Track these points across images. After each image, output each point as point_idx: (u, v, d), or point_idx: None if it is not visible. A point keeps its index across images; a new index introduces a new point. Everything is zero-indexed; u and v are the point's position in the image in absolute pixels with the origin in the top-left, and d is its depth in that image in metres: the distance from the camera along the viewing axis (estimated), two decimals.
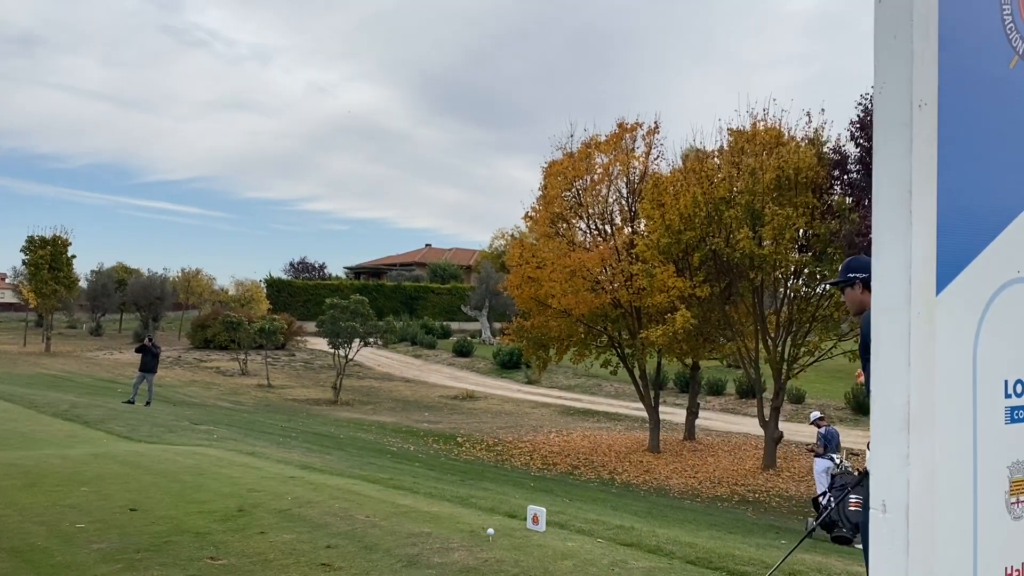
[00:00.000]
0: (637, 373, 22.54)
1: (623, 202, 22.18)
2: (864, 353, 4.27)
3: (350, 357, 30.15)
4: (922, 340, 1.31)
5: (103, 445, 10.34)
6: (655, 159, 21.83)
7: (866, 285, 4.36)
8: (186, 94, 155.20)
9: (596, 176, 21.63)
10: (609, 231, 22.08)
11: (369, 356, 38.92)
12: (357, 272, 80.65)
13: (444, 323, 55.96)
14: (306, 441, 15.16)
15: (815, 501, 12.19)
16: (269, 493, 6.95)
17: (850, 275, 4.35)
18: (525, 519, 6.36)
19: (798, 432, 23.52)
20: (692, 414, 24.17)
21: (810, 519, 11.90)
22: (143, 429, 12.71)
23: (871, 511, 1.37)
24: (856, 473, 11.59)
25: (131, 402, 19.93)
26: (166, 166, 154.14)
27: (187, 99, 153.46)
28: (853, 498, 11.12)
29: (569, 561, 5.25)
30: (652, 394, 22.67)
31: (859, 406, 27.24)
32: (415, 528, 5.93)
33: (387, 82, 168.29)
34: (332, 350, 30.72)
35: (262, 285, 58.39)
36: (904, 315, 1.29)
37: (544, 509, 6.24)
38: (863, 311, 4.36)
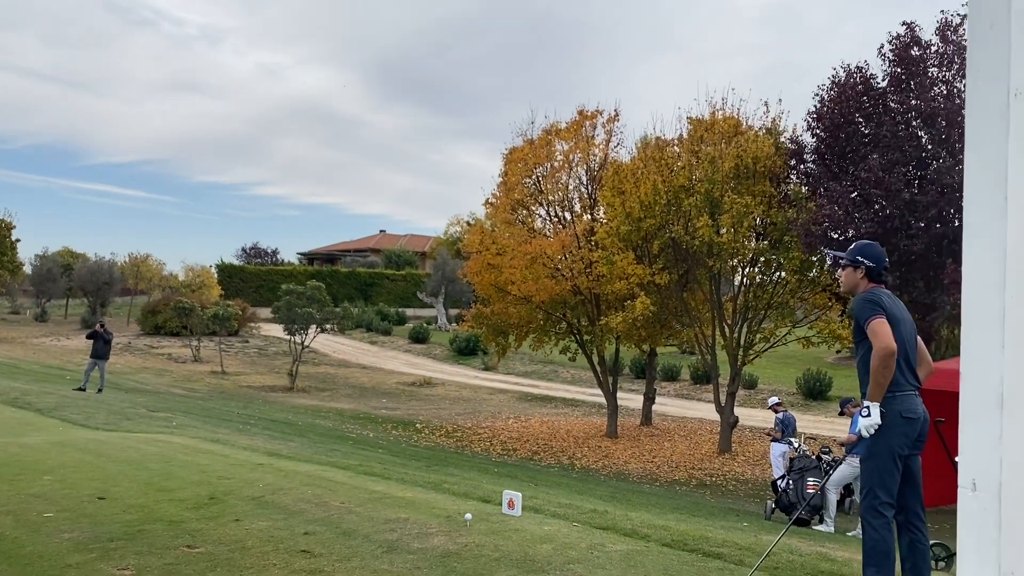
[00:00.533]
0: (596, 359, 22.73)
1: (583, 189, 22.28)
2: (857, 336, 4.38)
3: (306, 344, 29.85)
4: (1017, 321, 1.35)
5: (60, 433, 10.11)
6: (615, 147, 21.99)
7: (868, 273, 4.46)
8: (133, 75, 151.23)
9: (557, 163, 21.68)
10: (569, 218, 22.16)
11: (325, 343, 38.60)
12: (311, 258, 79.79)
13: (399, 310, 55.72)
14: (266, 428, 15.00)
15: (774, 484, 12.45)
16: (240, 480, 6.87)
17: (858, 258, 4.50)
18: (500, 504, 6.39)
19: (751, 417, 23.97)
20: (649, 399, 24.47)
21: (769, 502, 12.15)
22: (99, 417, 12.45)
23: (961, 489, 1.41)
24: (813, 457, 11.87)
25: (82, 389, 19.51)
26: (113, 148, 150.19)
27: (134, 80, 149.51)
28: (811, 480, 11.42)
29: (548, 545, 5.30)
30: (610, 380, 22.89)
31: (810, 391, 27.85)
32: (391, 514, 5.92)
33: (340, 66, 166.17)
34: (287, 336, 30.38)
35: (213, 271, 57.45)
36: (998, 296, 1.33)
37: (520, 494, 6.28)
38: (852, 292, 4.50)
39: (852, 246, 4.64)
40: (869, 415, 4.23)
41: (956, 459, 6.16)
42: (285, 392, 28.29)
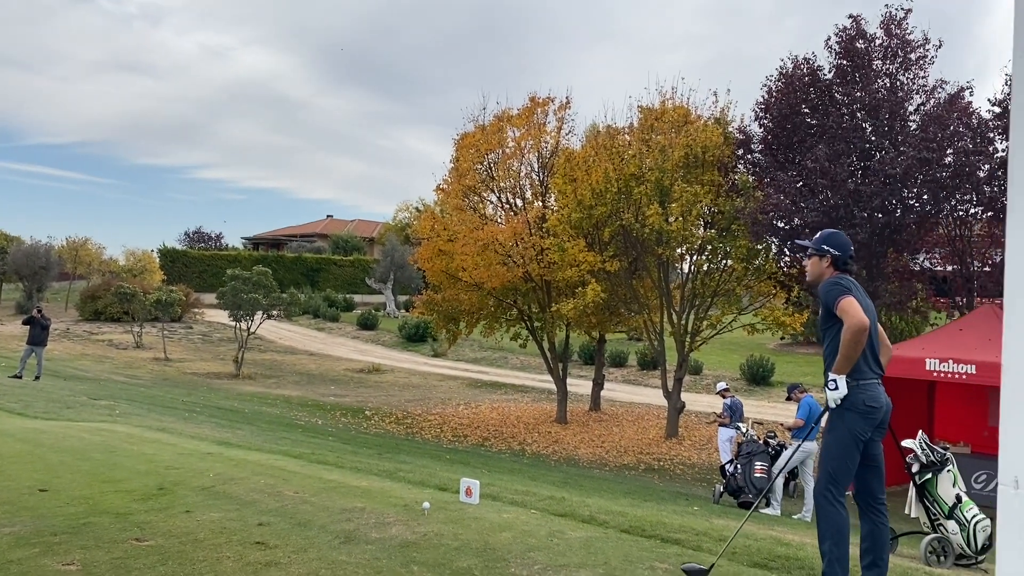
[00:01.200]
0: (546, 346, 22.80)
1: (534, 177, 22.26)
2: (825, 322, 4.42)
3: (252, 330, 29.34)
4: None
5: None
6: (567, 134, 22.00)
7: (834, 262, 4.50)
8: (70, 53, 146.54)
9: (508, 150, 21.60)
10: (520, 205, 22.13)
11: (271, 329, 38.01)
12: (256, 243, 78.43)
13: (347, 296, 55.15)
14: (212, 416, 14.71)
15: (722, 469, 12.65)
16: (189, 470, 6.70)
17: (824, 247, 4.53)
18: (457, 492, 6.35)
19: (697, 402, 24.31)
20: (598, 385, 24.65)
21: (718, 486, 12.34)
22: (38, 405, 12.06)
23: (1001, 487, 1.39)
24: (761, 442, 12.08)
25: (18, 376, 18.89)
26: (49, 128, 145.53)
27: (72, 59, 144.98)
28: (758, 465, 11.62)
29: (508, 533, 5.28)
30: (560, 366, 22.98)
31: (753, 377, 28.37)
32: (347, 503, 5.84)
33: (286, 49, 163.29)
34: (233, 323, 29.82)
35: (155, 255, 56.09)
36: None
37: (477, 482, 6.24)
38: (819, 282, 4.53)
39: (818, 235, 4.68)
40: (836, 388, 4.29)
41: (902, 444, 6.27)
42: (231, 379, 27.79)
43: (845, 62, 16.61)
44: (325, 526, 5.19)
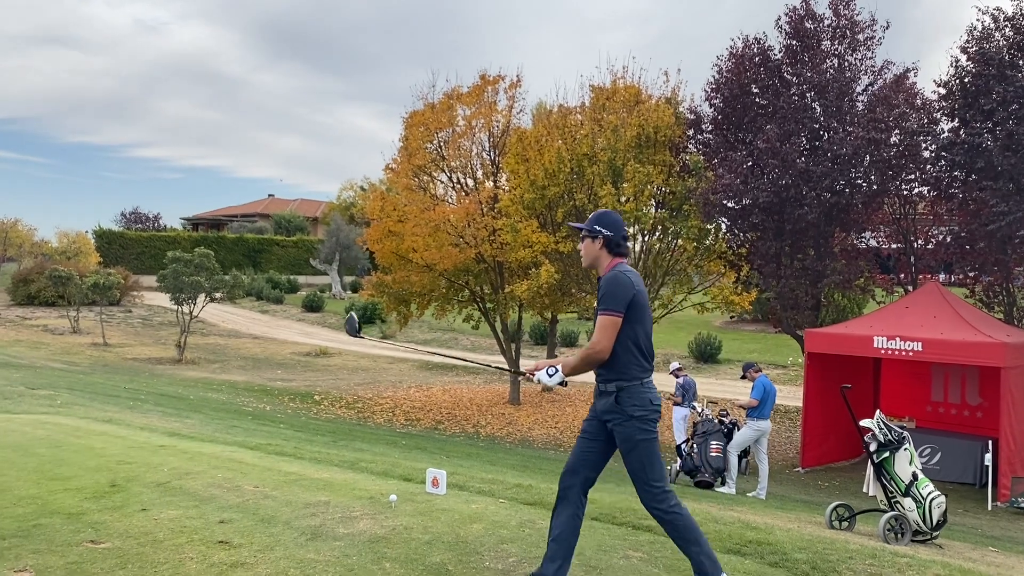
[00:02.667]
0: (499, 327, 22.71)
1: (485, 156, 22.03)
2: (599, 304, 4.17)
3: (195, 314, 28.62)
4: None
5: None
6: (518, 113, 21.79)
7: (607, 243, 4.23)
8: None
9: (459, 129, 21.32)
10: (472, 185, 21.90)
11: (213, 312, 37.15)
12: (195, 223, 76.62)
13: (291, 277, 54.27)
14: (158, 404, 14.28)
15: (678, 448, 12.74)
16: (141, 465, 6.43)
17: (596, 227, 4.25)
18: (423, 482, 6.22)
19: None
20: None
21: (673, 465, 12.43)
22: None
23: None
24: (715, 421, 12.20)
25: None
26: None
27: None
28: (714, 444, 11.73)
29: (478, 524, 5.18)
30: (512, 347, 22.93)
31: (701, 355, 28.75)
32: (311, 497, 5.66)
33: (223, 23, 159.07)
34: (174, 306, 29.03)
35: (91, 237, 54.37)
36: None
37: (444, 472, 6.12)
38: (594, 264, 4.29)
39: (591, 216, 4.39)
40: (556, 374, 4.22)
41: (860, 423, 6.31)
42: (173, 364, 27.10)
43: (795, 42, 16.75)
44: (290, 522, 5.01)
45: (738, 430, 12.27)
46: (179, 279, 27.30)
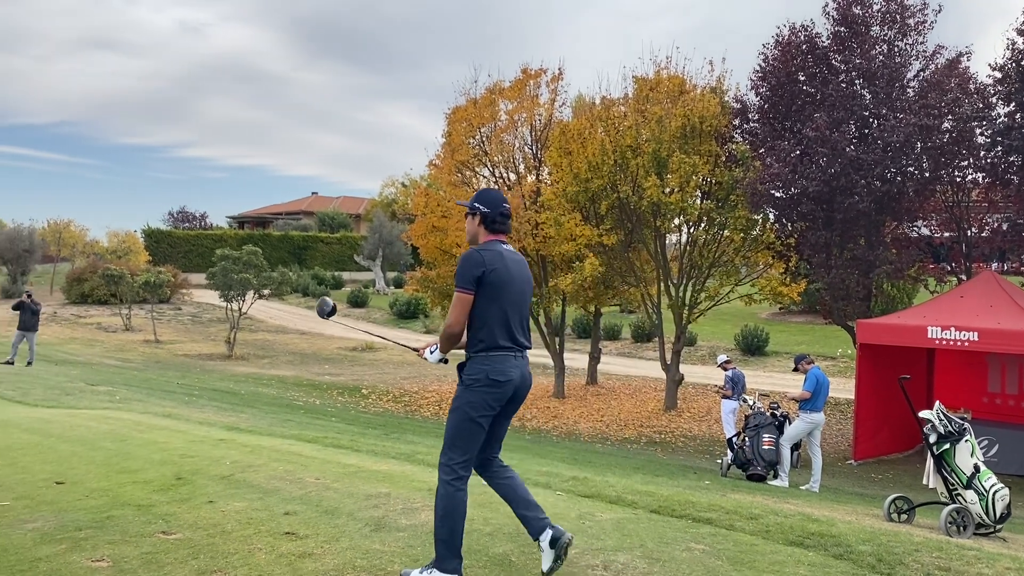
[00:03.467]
0: (542, 320, 22.72)
1: (527, 150, 22.04)
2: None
3: (244, 311, 29.11)
4: None
5: None
6: (560, 106, 21.76)
7: (484, 219, 4.20)
8: (45, 32, 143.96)
9: (501, 123, 21.35)
10: (514, 179, 21.93)
11: (260, 308, 37.73)
12: (241, 221, 77.81)
13: (336, 273, 54.87)
14: (212, 399, 14.56)
15: (730, 442, 12.64)
16: (204, 458, 6.58)
17: (475, 204, 4.23)
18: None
19: (693, 374, 24.36)
20: (594, 359, 24.64)
21: (725, 458, 12.33)
22: (36, 392, 11.87)
23: None
24: (768, 414, 12.06)
25: (10, 363, 18.67)
26: (26, 108, 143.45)
27: (47, 37, 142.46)
28: (766, 437, 11.60)
29: None
30: (556, 341, 22.93)
31: (748, 347, 28.44)
32: (371, 489, 5.73)
33: (264, 23, 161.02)
34: (222, 303, 29.57)
35: (140, 236, 55.52)
36: None
37: None
38: (474, 241, 4.26)
39: (475, 194, 4.38)
40: (435, 351, 4.35)
41: (919, 414, 6.20)
42: (223, 360, 27.61)
43: (843, 29, 16.46)
44: (353, 513, 5.09)
45: (789, 423, 12.13)
46: (228, 276, 27.79)
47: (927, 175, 15.99)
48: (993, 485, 7.33)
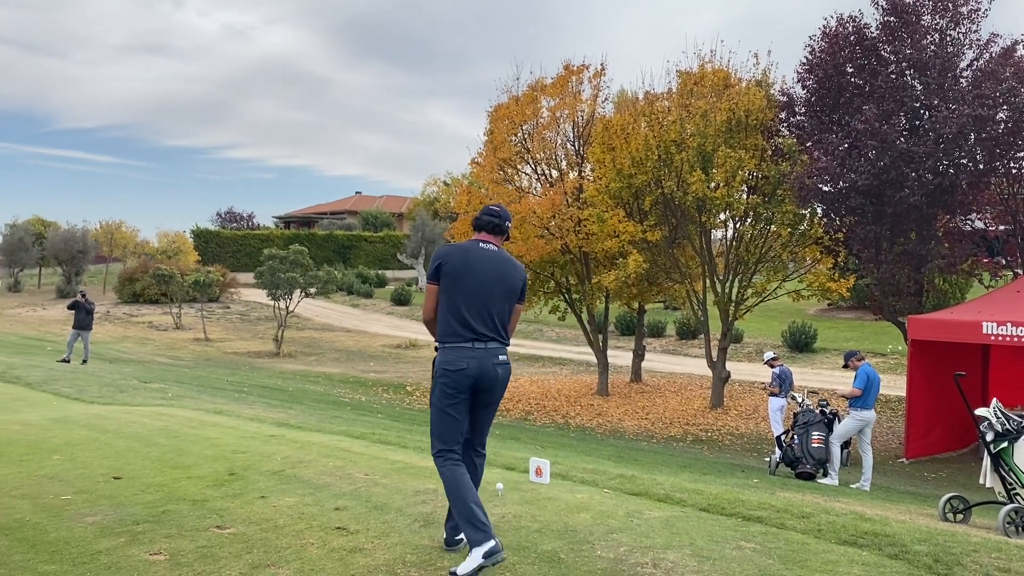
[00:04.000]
0: (585, 318, 22.66)
1: (570, 147, 21.98)
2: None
3: (291, 309, 29.51)
4: None
5: (57, 408, 9.84)
6: (603, 102, 21.65)
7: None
8: (95, 38, 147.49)
9: (543, 120, 21.32)
10: (556, 176, 21.89)
11: (307, 307, 38.26)
12: (287, 221, 78.89)
13: (379, 272, 55.34)
14: (261, 396, 14.79)
15: (778, 440, 12.48)
16: (256, 454, 6.69)
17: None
18: (526, 471, 6.27)
19: (739, 371, 24.10)
20: (639, 356, 24.49)
21: (773, 456, 12.18)
22: (92, 390, 12.17)
23: None
24: (817, 411, 11.88)
25: (66, 360, 19.15)
26: (78, 113, 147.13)
27: (97, 43, 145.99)
28: (816, 435, 11.44)
29: (585, 514, 5.19)
30: (600, 338, 22.84)
31: (795, 344, 28.03)
32: (419, 485, 5.78)
33: (308, 25, 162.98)
34: (270, 302, 30.02)
35: (189, 236, 56.60)
36: None
37: (547, 462, 6.16)
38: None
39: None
40: None
41: (976, 412, 6.05)
42: (271, 358, 28.03)
43: (892, 18, 16.12)
44: (402, 509, 5.13)
45: (839, 420, 11.93)
46: (275, 275, 28.20)
47: (981, 167, 15.59)
48: None
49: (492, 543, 3.95)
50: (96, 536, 4.53)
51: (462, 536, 4.32)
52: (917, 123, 15.70)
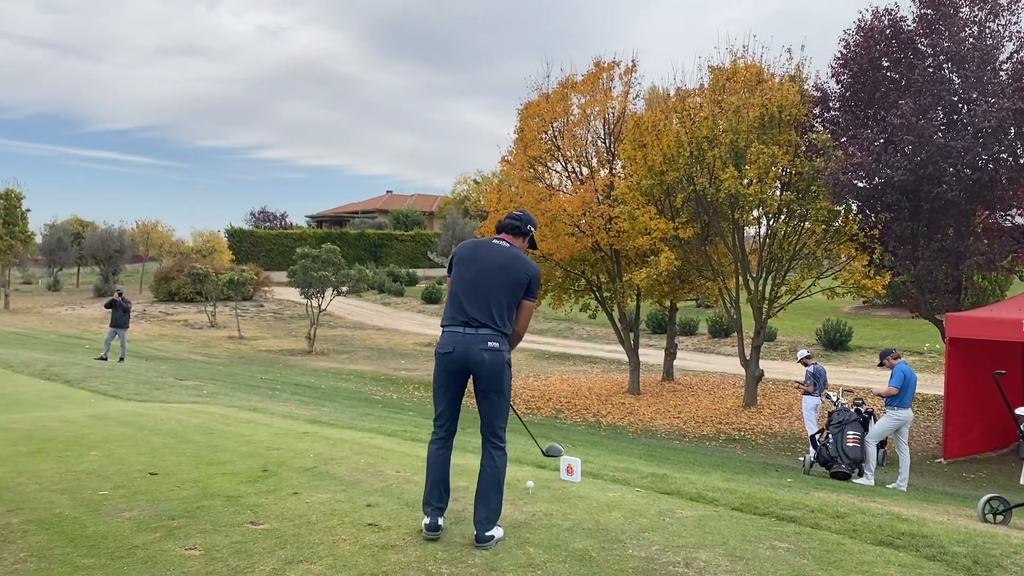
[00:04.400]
0: (616, 316, 22.56)
1: (600, 144, 21.90)
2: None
3: (323, 307, 29.76)
4: None
5: (94, 405, 10.01)
6: (633, 99, 21.54)
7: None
8: (130, 40, 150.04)
9: (573, 117, 21.26)
10: (587, 173, 21.82)
11: (339, 305, 38.54)
12: (319, 220, 79.58)
13: (410, 270, 55.62)
14: (294, 393, 14.93)
15: (813, 439, 12.33)
16: (289, 451, 6.74)
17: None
18: (557, 470, 6.26)
19: (773, 369, 23.86)
20: (670, 355, 24.34)
21: (807, 456, 12.04)
22: (128, 387, 12.36)
23: None
24: (852, 410, 11.72)
25: (104, 358, 19.47)
26: (113, 115, 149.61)
27: (132, 45, 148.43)
28: (851, 434, 11.28)
29: (617, 512, 5.16)
30: (631, 336, 22.73)
31: (830, 342, 27.68)
32: (450, 483, 5.78)
33: (339, 25, 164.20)
34: (303, 300, 30.29)
35: (223, 235, 57.28)
36: None
37: (578, 460, 6.13)
38: None
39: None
40: None
41: (1016, 411, 5.92)
42: (304, 355, 28.28)
43: (929, 11, 15.84)
44: None
45: (874, 419, 11.76)
46: (308, 274, 28.45)
47: (1021, 161, 15.27)
48: None
49: (427, 520, 4.47)
50: (133, 531, 4.59)
51: (492, 532, 4.46)
52: (955, 117, 15.42)
